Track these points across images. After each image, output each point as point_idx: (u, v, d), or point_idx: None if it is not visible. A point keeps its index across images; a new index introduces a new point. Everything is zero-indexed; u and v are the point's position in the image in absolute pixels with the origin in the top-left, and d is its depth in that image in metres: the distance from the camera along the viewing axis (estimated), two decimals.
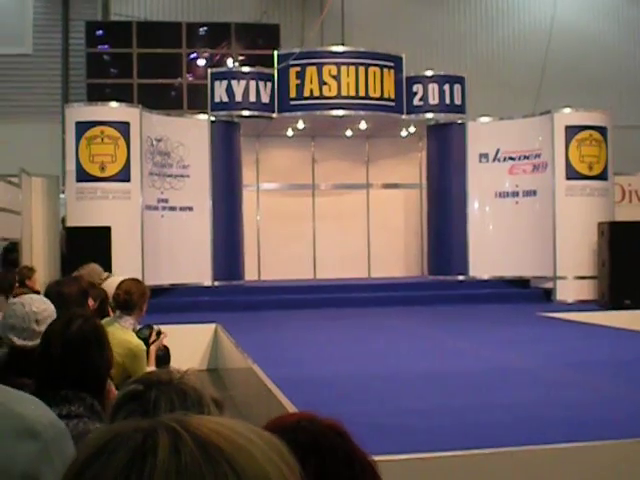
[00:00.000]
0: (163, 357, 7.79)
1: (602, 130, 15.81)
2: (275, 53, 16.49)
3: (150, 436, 0.87)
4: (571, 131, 15.66)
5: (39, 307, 4.20)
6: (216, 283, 15.76)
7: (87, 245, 12.52)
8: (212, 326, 12.99)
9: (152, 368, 6.59)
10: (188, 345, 12.20)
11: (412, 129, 17.58)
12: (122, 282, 6.75)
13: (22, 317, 4.16)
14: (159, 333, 7.07)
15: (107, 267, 9.91)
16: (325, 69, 15.99)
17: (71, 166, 14.35)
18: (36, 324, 4.11)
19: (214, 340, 12.90)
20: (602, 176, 15.76)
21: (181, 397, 1.84)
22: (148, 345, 6.75)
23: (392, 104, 16.44)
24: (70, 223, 14.15)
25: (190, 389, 1.85)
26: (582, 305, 14.99)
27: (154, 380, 1.90)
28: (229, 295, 15.53)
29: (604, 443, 5.44)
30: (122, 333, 6.14)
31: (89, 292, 5.94)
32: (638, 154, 20.51)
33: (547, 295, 15.87)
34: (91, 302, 5.96)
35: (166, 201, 15.31)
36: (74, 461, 0.89)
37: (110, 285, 7.01)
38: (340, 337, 11.49)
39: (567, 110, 15.98)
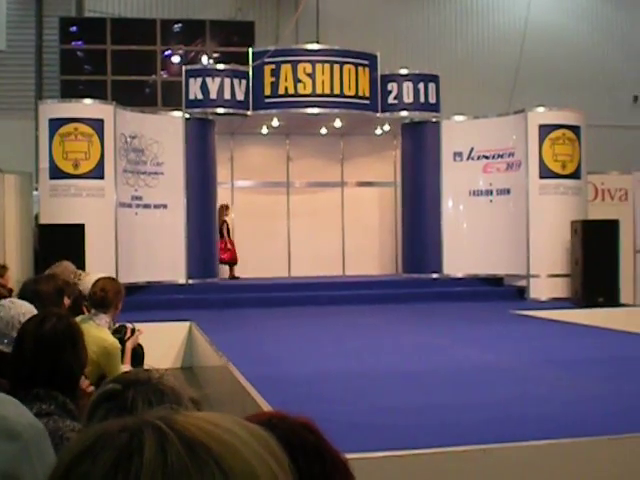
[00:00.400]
0: (137, 355, 7.77)
1: (575, 129, 15.89)
2: (250, 50, 16.46)
3: (136, 435, 0.86)
4: (544, 130, 15.73)
5: (25, 314, 4.13)
6: (190, 281, 15.72)
7: (60, 243, 12.45)
8: (186, 324, 12.95)
9: (127, 366, 6.59)
10: (162, 343, 12.17)
11: (387, 127, 17.60)
12: (98, 280, 6.74)
13: (6, 322, 4.12)
14: (134, 330, 7.06)
15: (81, 265, 9.87)
16: (300, 67, 15.98)
17: (44, 163, 14.26)
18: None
19: (188, 338, 12.87)
20: (575, 175, 15.84)
21: (158, 397, 1.83)
22: (124, 343, 6.74)
23: (367, 102, 16.45)
24: (43, 220, 14.06)
25: (168, 389, 1.85)
26: (555, 303, 15.06)
27: (132, 380, 1.90)
28: (203, 293, 15.50)
29: (577, 440, 5.47)
30: (97, 331, 6.13)
31: (64, 290, 5.92)
32: (611, 153, 20.66)
33: (521, 293, 15.94)
34: (66, 300, 5.94)
35: (140, 198, 15.25)
36: (59, 462, 0.88)
37: (86, 283, 7.00)
38: (315, 335, 11.49)
39: (541, 109, 16.06)
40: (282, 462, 0.94)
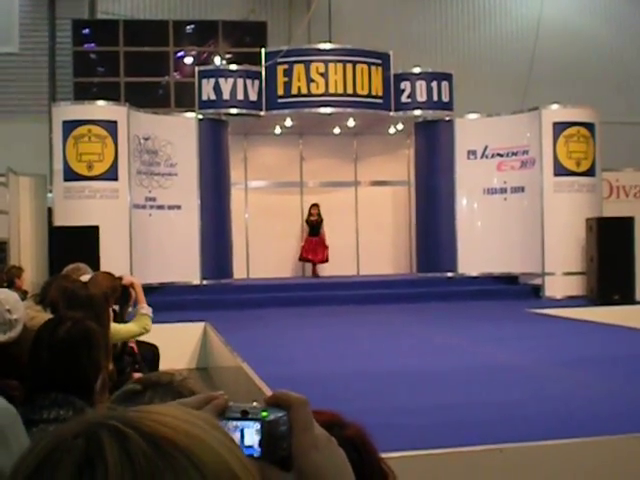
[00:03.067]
0: (152, 356, 7.79)
1: (590, 126, 15.84)
2: (262, 51, 16.46)
3: (92, 440, 0.80)
4: (559, 127, 15.68)
5: (3, 297, 4.11)
6: (205, 282, 15.73)
7: (75, 244, 12.47)
8: (201, 325, 12.96)
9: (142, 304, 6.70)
10: (177, 344, 12.19)
11: (400, 126, 17.58)
12: (94, 276, 6.80)
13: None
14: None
15: (95, 266, 9.87)
16: (313, 67, 15.98)
17: (58, 165, 14.30)
18: (9, 313, 4.06)
19: (203, 339, 12.87)
20: (590, 172, 15.79)
21: (176, 399, 1.82)
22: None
23: (380, 101, 16.43)
24: (58, 222, 14.09)
25: (187, 391, 1.85)
26: (571, 301, 15.01)
27: (153, 381, 1.90)
28: (218, 294, 15.50)
29: (594, 439, 5.44)
30: None
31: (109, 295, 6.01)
32: (626, 150, 20.57)
33: (536, 291, 15.89)
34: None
35: (154, 200, 15.27)
36: (14, 477, 0.80)
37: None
38: (330, 335, 11.47)
39: (555, 106, 16.00)
40: (241, 451, 0.91)
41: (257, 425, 1.04)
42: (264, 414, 1.05)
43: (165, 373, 2.00)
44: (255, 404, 1.08)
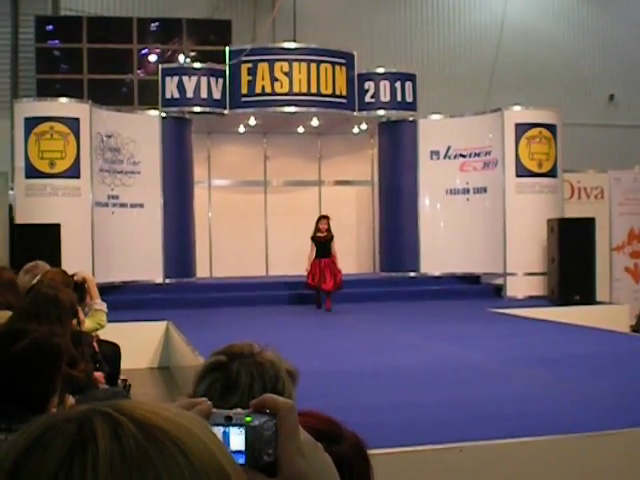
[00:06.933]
0: (113, 355, 7.75)
1: (551, 128, 15.96)
2: (227, 49, 16.42)
3: (85, 424, 0.82)
4: (521, 129, 15.79)
5: None
6: (167, 280, 15.67)
7: (36, 242, 12.38)
8: (163, 324, 12.93)
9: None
10: (139, 343, 12.16)
11: (364, 126, 17.62)
12: (46, 272, 6.78)
13: None
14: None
15: (56, 264, 9.81)
16: (277, 66, 15.96)
17: (20, 162, 14.18)
18: None
19: (165, 338, 12.84)
20: (551, 173, 15.91)
21: (259, 370, 2.02)
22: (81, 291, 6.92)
23: (344, 101, 16.46)
24: (19, 220, 13.97)
25: (267, 362, 2.06)
26: (532, 301, 15.13)
27: (237, 353, 2.07)
28: (180, 292, 15.46)
29: (554, 438, 5.50)
30: None
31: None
32: (587, 151, 20.75)
33: (498, 291, 16.00)
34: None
35: (117, 198, 15.20)
36: (4, 459, 0.81)
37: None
38: (292, 334, 11.47)
39: (517, 108, 16.12)
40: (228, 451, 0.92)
41: (241, 431, 1.04)
42: (248, 419, 1.05)
43: (245, 344, 2.18)
44: (239, 410, 1.08)
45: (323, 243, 14.61)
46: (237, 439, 1.03)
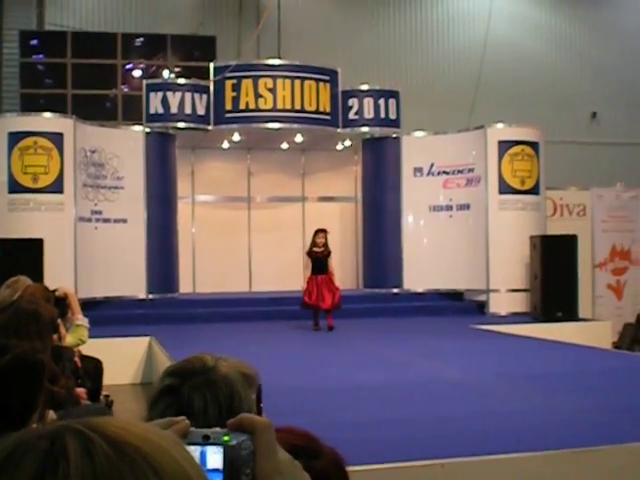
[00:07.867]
0: (95, 371, 7.73)
1: (534, 145, 16.04)
2: (211, 65, 16.44)
3: (57, 441, 0.81)
4: (504, 146, 15.86)
5: None
6: (150, 296, 15.63)
7: (19, 257, 12.33)
8: (146, 339, 12.89)
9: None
10: (122, 358, 12.11)
11: (348, 143, 17.65)
12: (27, 287, 6.78)
13: None
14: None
15: (39, 279, 9.78)
16: (261, 82, 16.00)
17: (3, 177, 14.12)
18: None
19: (148, 353, 12.79)
20: (534, 190, 15.98)
21: (212, 391, 1.92)
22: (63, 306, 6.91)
23: (328, 118, 16.50)
24: (1, 235, 13.91)
25: (220, 380, 1.94)
26: (515, 317, 15.16)
27: (188, 371, 1.99)
28: (164, 308, 15.41)
29: (537, 454, 5.51)
30: None
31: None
32: (570, 169, 20.85)
33: (480, 308, 16.02)
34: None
35: (100, 213, 15.16)
36: None
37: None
38: (275, 350, 11.46)
39: (500, 125, 16.19)
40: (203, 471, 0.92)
41: (219, 450, 1.04)
42: (226, 439, 1.05)
43: (197, 359, 2.09)
44: (217, 429, 1.08)
45: (320, 259, 13.95)
46: (215, 458, 1.03)
